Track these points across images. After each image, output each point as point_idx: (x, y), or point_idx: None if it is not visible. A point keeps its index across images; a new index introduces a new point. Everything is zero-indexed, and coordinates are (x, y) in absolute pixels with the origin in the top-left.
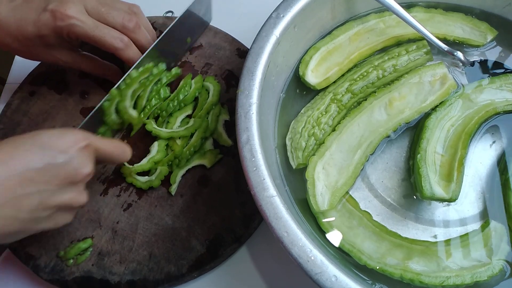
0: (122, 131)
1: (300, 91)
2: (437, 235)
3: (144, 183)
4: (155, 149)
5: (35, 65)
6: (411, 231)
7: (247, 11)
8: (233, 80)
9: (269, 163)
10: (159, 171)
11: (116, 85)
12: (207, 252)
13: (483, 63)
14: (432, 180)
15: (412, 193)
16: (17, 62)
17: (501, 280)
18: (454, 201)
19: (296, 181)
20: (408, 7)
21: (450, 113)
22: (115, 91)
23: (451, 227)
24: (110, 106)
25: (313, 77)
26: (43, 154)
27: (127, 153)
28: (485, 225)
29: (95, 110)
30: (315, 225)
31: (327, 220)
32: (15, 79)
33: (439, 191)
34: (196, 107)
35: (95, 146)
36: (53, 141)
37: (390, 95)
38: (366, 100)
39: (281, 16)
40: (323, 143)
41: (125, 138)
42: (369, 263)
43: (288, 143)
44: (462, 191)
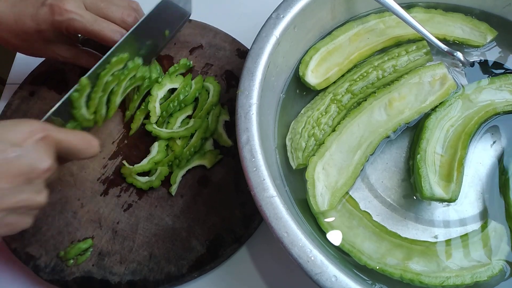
0: (95, 129)
1: (300, 91)
2: (437, 235)
3: (144, 183)
4: (155, 149)
5: (36, 65)
6: (411, 231)
7: (247, 11)
8: (233, 80)
9: (269, 163)
10: (159, 172)
11: (87, 74)
12: (207, 252)
13: (483, 64)
14: (432, 180)
15: (412, 193)
16: (17, 62)
17: (501, 280)
18: (454, 201)
19: (296, 181)
20: (408, 7)
21: (450, 114)
22: (86, 80)
23: (451, 227)
24: (79, 97)
25: (313, 78)
26: None
27: (95, 147)
28: (485, 226)
29: (61, 102)
30: (315, 225)
31: (327, 220)
32: (15, 79)
33: (439, 191)
34: (196, 108)
35: (55, 138)
36: (4, 133)
37: (390, 95)
38: (366, 100)
39: (281, 16)
40: (323, 143)
41: (125, 138)
42: (369, 263)
43: (288, 143)
44: (462, 192)
